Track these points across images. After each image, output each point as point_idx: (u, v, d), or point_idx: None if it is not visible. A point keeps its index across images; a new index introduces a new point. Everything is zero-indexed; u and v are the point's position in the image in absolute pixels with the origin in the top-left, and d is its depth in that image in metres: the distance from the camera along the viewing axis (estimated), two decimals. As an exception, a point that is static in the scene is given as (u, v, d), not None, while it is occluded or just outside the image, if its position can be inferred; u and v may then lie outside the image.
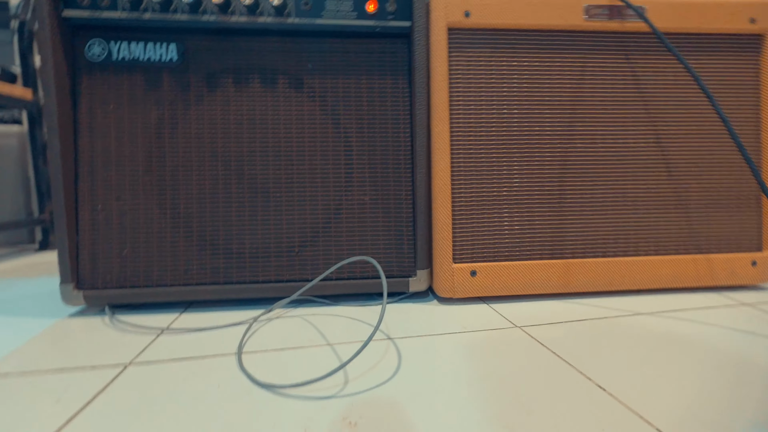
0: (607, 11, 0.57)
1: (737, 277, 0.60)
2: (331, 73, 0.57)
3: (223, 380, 0.35)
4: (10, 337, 0.45)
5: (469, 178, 0.56)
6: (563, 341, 0.42)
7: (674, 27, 0.58)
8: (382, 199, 0.57)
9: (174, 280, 0.54)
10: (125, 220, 0.53)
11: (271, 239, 0.55)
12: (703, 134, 0.60)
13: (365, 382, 0.34)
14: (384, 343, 0.42)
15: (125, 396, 0.32)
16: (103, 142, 0.53)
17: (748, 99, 0.61)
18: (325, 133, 0.57)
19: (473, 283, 0.56)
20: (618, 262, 0.58)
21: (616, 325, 0.47)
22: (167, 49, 0.54)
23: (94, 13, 0.52)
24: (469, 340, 0.43)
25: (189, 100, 0.55)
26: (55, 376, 0.36)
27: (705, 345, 0.40)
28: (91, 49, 0.53)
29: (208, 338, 0.44)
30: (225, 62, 0.55)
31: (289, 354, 0.40)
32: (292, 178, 0.56)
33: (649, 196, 0.59)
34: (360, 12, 0.55)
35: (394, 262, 0.57)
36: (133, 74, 0.54)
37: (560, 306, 0.54)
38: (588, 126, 0.58)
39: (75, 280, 0.52)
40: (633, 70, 0.59)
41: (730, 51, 0.60)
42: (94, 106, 0.53)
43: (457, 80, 0.56)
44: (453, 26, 0.55)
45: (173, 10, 0.52)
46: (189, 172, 0.54)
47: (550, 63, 0.57)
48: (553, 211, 0.58)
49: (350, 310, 0.53)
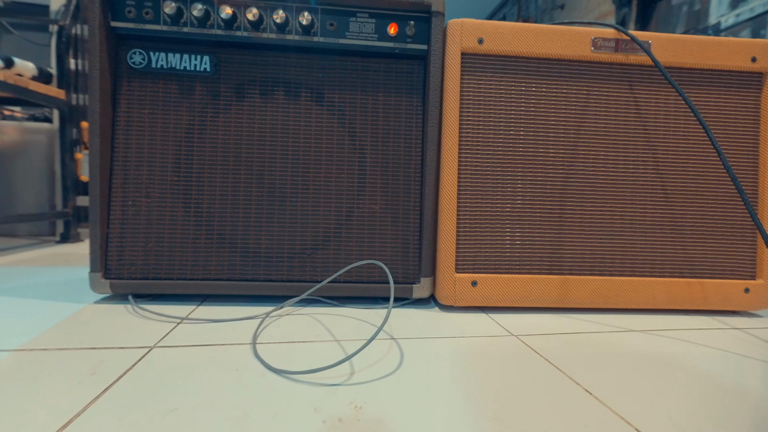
0: (613, 44, 0.61)
1: (730, 303, 0.62)
2: (350, 89, 0.61)
3: (240, 365, 0.38)
4: (43, 319, 0.49)
5: (475, 193, 0.60)
6: (556, 350, 0.44)
7: (677, 62, 0.62)
8: (391, 209, 0.61)
9: (193, 274, 0.57)
10: (152, 216, 0.57)
11: (285, 241, 0.59)
12: (701, 164, 0.63)
13: (370, 373, 0.37)
14: (387, 342, 0.45)
15: (151, 374, 0.36)
16: (137, 143, 0.58)
17: (747, 134, 0.64)
18: (341, 144, 0.61)
19: (474, 293, 0.58)
20: (614, 281, 0.60)
21: (609, 339, 0.49)
22: (201, 60, 0.59)
23: (139, 25, 0.57)
24: (468, 344, 0.45)
25: (218, 107, 0.59)
26: (89, 352, 0.39)
27: (693, 363, 0.43)
28: (133, 57, 0.58)
29: (224, 329, 0.47)
30: (253, 74, 0.60)
31: (299, 346, 0.43)
32: (308, 184, 0.60)
33: (645, 220, 0.62)
34: (381, 34, 0.59)
35: (399, 269, 0.60)
36: (169, 82, 0.59)
37: (557, 319, 0.56)
38: (590, 150, 0.61)
39: (103, 269, 0.56)
40: (635, 100, 0.62)
41: (731, 87, 0.63)
42: (131, 109, 0.58)
43: (468, 101, 0.60)
44: (466, 51, 0.59)
45: (210, 25, 0.57)
46: (213, 174, 0.59)
47: (557, 89, 0.61)
48: (554, 228, 0.61)
49: (356, 311, 0.56)
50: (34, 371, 0.35)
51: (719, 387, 0.37)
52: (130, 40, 0.58)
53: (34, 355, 0.39)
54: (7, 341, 0.42)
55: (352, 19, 0.59)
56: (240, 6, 0.57)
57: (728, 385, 0.38)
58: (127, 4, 0.56)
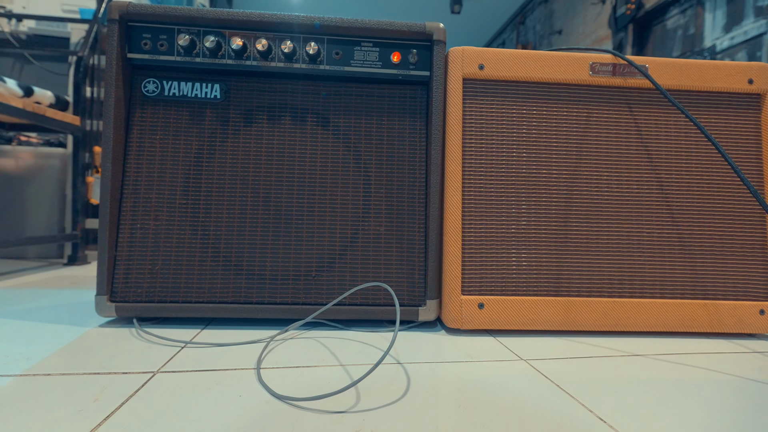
0: (611, 68, 0.62)
1: (745, 326, 0.60)
2: (355, 113, 0.63)
3: (244, 391, 0.37)
4: (47, 343, 0.49)
5: (479, 215, 0.60)
6: (567, 375, 0.43)
7: (675, 84, 0.63)
8: (396, 231, 0.61)
9: (198, 297, 0.57)
10: (159, 239, 0.58)
11: (290, 263, 0.59)
12: (706, 184, 0.63)
13: (376, 400, 0.36)
14: (394, 367, 0.44)
15: (154, 400, 0.35)
16: (148, 167, 0.59)
17: (749, 154, 0.64)
18: (346, 167, 0.62)
19: (481, 316, 0.58)
20: (624, 302, 0.59)
21: (621, 364, 0.48)
22: (212, 88, 0.61)
23: (154, 56, 0.59)
24: (476, 369, 0.44)
25: (227, 132, 0.61)
26: (92, 378, 0.39)
27: (711, 390, 0.41)
28: (147, 86, 0.60)
29: (229, 353, 0.47)
30: (261, 101, 0.62)
31: (304, 371, 0.42)
32: (314, 207, 0.60)
33: (653, 240, 0.61)
34: (384, 62, 0.61)
35: (404, 291, 0.60)
36: (180, 108, 0.61)
37: (566, 342, 0.55)
38: (592, 171, 0.62)
39: (109, 292, 0.56)
40: (635, 121, 0.63)
41: (730, 108, 0.64)
42: (143, 135, 0.60)
43: (471, 125, 0.61)
44: (468, 77, 0.61)
45: (221, 55, 0.60)
46: (221, 197, 0.59)
47: (557, 112, 0.62)
48: (559, 249, 0.60)
49: (361, 335, 0.56)
50: (36, 398, 0.35)
51: (744, 415, 0.36)
52: (145, 70, 0.61)
53: (38, 381, 0.38)
54: (11, 366, 0.42)
55: (356, 48, 0.61)
56: (250, 37, 0.60)
57: (754, 414, 0.36)
58: (144, 36, 0.59)
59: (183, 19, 0.58)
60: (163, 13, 0.58)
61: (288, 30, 0.60)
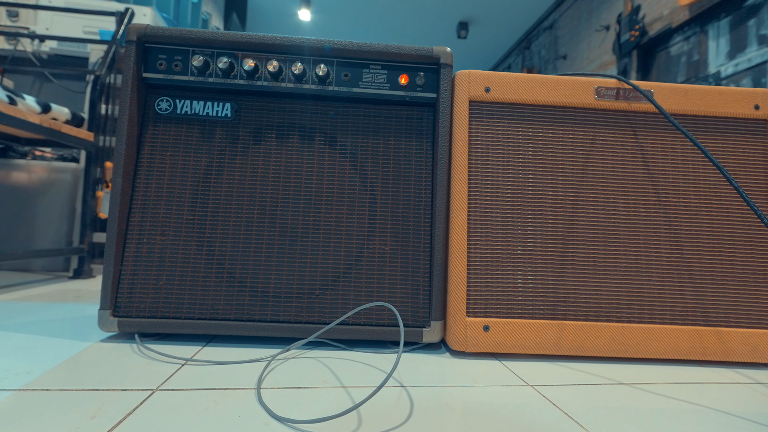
0: (615, 92, 0.63)
1: (760, 355, 0.58)
2: (362, 133, 0.63)
3: (244, 412, 0.36)
4: (48, 357, 0.49)
5: (485, 236, 0.59)
6: (575, 402, 0.42)
7: (680, 109, 0.63)
8: (401, 251, 0.61)
9: (201, 314, 0.57)
10: (165, 254, 0.58)
11: (294, 281, 0.59)
12: (714, 208, 0.62)
13: (378, 424, 0.35)
14: (397, 390, 0.43)
15: (152, 419, 0.34)
16: (158, 183, 0.60)
17: (757, 179, 0.63)
18: (352, 187, 0.62)
19: (486, 339, 0.56)
20: (633, 328, 0.58)
21: (630, 391, 0.46)
22: (223, 107, 0.63)
23: (168, 76, 0.61)
24: (481, 393, 0.43)
25: (236, 150, 0.62)
26: (91, 394, 0.38)
27: (725, 423, 0.40)
28: (160, 104, 0.62)
29: (229, 372, 0.46)
30: (271, 120, 0.63)
31: (305, 392, 0.41)
32: (319, 225, 0.61)
33: (661, 265, 0.60)
34: (392, 83, 0.63)
35: (409, 312, 0.59)
36: (191, 126, 0.62)
37: (574, 368, 0.53)
38: (598, 194, 0.62)
39: (112, 307, 0.56)
40: (640, 145, 0.63)
41: (737, 133, 0.64)
42: (154, 151, 0.61)
43: (477, 146, 0.61)
44: (474, 99, 0.62)
45: (233, 76, 0.61)
46: (228, 214, 0.60)
47: (563, 135, 0.63)
48: (566, 272, 0.59)
49: (364, 355, 0.55)
50: (33, 414, 0.34)
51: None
52: (159, 89, 0.63)
53: (36, 396, 0.38)
54: (11, 380, 0.41)
55: (365, 70, 0.63)
56: (262, 59, 0.62)
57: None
58: (159, 57, 0.61)
59: (198, 41, 0.60)
60: (179, 35, 0.60)
61: (299, 52, 0.62)
